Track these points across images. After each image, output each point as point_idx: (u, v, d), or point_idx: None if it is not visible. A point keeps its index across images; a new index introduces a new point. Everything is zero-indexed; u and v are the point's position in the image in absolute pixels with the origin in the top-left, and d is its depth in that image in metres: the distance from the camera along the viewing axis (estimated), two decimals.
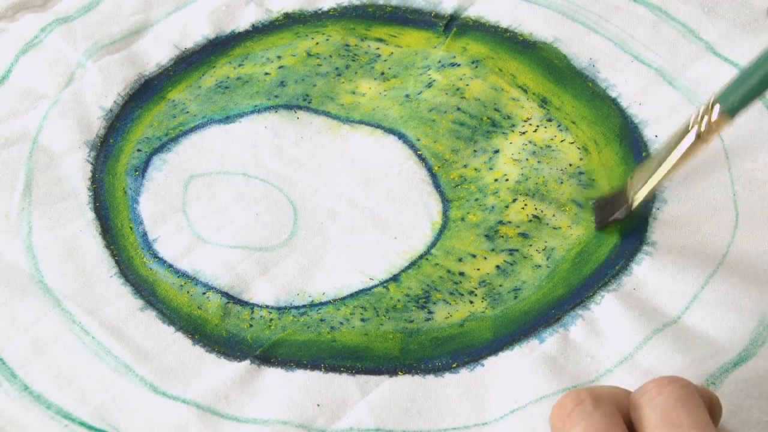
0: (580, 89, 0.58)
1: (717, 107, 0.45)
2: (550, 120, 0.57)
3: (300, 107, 0.59)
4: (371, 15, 0.63)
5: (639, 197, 0.50)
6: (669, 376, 0.40)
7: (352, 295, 0.52)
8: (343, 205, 0.55)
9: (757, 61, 0.44)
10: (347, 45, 0.61)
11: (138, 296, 0.52)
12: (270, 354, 0.50)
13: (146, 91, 0.60)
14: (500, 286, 0.51)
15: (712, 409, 0.42)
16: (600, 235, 0.53)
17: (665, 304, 0.50)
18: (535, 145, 0.56)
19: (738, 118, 0.56)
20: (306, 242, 0.54)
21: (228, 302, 0.52)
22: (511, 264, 0.52)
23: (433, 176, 0.56)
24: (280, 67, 0.61)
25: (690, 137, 0.46)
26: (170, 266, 0.53)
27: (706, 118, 0.45)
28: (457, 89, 0.59)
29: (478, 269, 0.52)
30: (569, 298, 0.51)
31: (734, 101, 0.44)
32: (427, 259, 0.53)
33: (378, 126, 0.58)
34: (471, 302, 0.51)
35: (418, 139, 0.57)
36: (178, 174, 0.57)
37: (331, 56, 0.61)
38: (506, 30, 0.61)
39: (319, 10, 0.63)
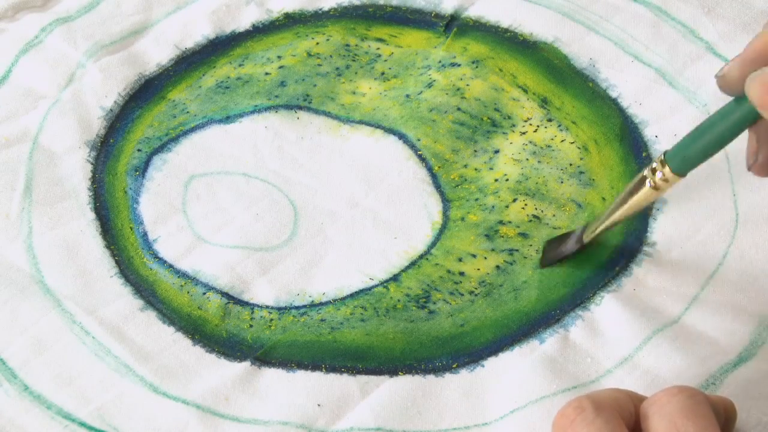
0: (580, 89, 0.58)
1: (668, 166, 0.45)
2: (550, 120, 0.57)
3: (300, 107, 0.59)
4: (372, 15, 0.63)
5: (592, 233, 0.50)
6: (678, 386, 0.40)
7: (352, 295, 0.52)
8: (343, 206, 0.55)
9: (708, 121, 0.44)
10: (347, 45, 0.61)
11: (138, 296, 0.52)
12: (270, 354, 0.50)
13: (146, 91, 0.60)
14: (500, 286, 0.51)
15: (727, 416, 0.42)
16: (600, 235, 0.53)
17: (665, 304, 0.50)
18: (536, 145, 0.56)
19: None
20: (306, 242, 0.54)
21: (228, 302, 0.52)
22: (511, 264, 0.52)
23: (434, 176, 0.56)
24: (281, 67, 0.61)
25: (646, 188, 0.46)
26: (170, 266, 0.53)
27: (659, 172, 0.45)
28: (458, 89, 0.59)
29: (478, 269, 0.52)
30: (569, 298, 0.51)
31: (685, 162, 0.45)
32: (427, 259, 0.53)
33: (378, 126, 0.58)
34: (471, 302, 0.51)
35: (419, 139, 0.57)
36: (179, 174, 0.57)
37: (331, 56, 0.61)
38: (506, 30, 0.61)
39: (320, 10, 0.63)
